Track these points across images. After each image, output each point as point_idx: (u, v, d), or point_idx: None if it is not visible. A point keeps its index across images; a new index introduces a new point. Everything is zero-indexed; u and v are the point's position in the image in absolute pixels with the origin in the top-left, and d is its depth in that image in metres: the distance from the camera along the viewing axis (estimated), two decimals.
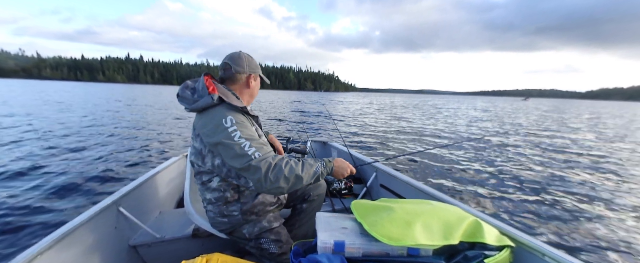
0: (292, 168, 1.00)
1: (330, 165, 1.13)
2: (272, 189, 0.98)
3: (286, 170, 0.98)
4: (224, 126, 1.02)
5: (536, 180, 4.28)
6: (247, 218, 1.22)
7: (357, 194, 2.14)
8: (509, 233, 1.02)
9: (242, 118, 1.08)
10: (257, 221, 1.24)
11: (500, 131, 10.01)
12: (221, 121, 1.03)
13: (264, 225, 1.24)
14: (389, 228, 0.85)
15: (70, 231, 1.14)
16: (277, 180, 0.96)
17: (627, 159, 6.13)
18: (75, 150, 5.17)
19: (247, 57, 1.24)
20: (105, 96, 24.56)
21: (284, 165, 0.99)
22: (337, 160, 1.17)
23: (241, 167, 0.99)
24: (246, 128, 1.04)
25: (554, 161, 5.67)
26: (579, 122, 15.94)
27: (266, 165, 0.97)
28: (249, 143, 1.00)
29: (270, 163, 0.98)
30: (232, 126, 1.02)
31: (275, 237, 1.25)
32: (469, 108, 27.58)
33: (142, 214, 1.66)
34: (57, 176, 3.70)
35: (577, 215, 3.09)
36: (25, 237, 2.34)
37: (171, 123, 9.38)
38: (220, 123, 1.03)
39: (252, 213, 1.22)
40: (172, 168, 2.16)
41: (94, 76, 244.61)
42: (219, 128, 1.02)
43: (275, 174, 0.97)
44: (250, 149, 0.99)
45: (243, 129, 1.03)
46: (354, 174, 1.25)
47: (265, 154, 1.00)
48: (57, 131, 7.09)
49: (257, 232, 1.23)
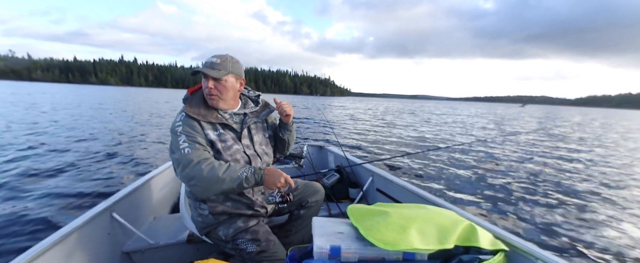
0: (214, 168, 1.05)
1: (260, 173, 1.10)
2: (190, 185, 1.07)
3: (206, 169, 1.04)
4: (176, 120, 1.16)
5: (530, 185, 4.34)
6: (219, 219, 1.22)
7: (354, 198, 2.14)
8: (503, 237, 1.03)
9: (192, 121, 1.15)
10: (232, 222, 1.23)
11: (501, 136, 10.13)
12: (177, 116, 1.18)
13: (239, 225, 1.23)
14: (384, 232, 0.85)
15: (63, 237, 1.12)
16: (193, 178, 1.03)
17: (629, 165, 6.22)
18: (66, 155, 5.05)
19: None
20: (98, 99, 24.17)
21: (206, 165, 1.04)
22: (270, 169, 1.12)
23: (171, 157, 1.11)
24: (189, 127, 1.13)
25: (550, 166, 5.74)
26: (575, 126, 16.26)
27: (187, 161, 1.05)
28: (184, 137, 1.10)
29: (192, 160, 1.05)
30: (179, 122, 1.14)
31: (252, 236, 1.22)
32: (469, 115, 27.16)
33: (136, 220, 1.63)
34: (49, 181, 3.62)
35: (570, 219, 3.13)
36: (17, 244, 2.27)
37: (166, 127, 9.26)
38: (175, 118, 1.18)
39: (223, 213, 1.22)
40: (167, 173, 2.13)
41: (87, 78, 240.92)
42: (174, 121, 1.17)
43: (193, 171, 1.03)
44: (183, 144, 1.08)
45: (185, 127, 1.13)
46: (291, 187, 1.18)
47: (195, 151, 1.07)
48: (48, 134, 6.94)
49: (232, 234, 1.22)
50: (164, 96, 40.38)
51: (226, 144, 1.18)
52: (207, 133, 1.15)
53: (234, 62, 1.21)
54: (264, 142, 1.34)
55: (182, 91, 19.81)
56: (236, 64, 1.22)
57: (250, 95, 1.39)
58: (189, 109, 1.16)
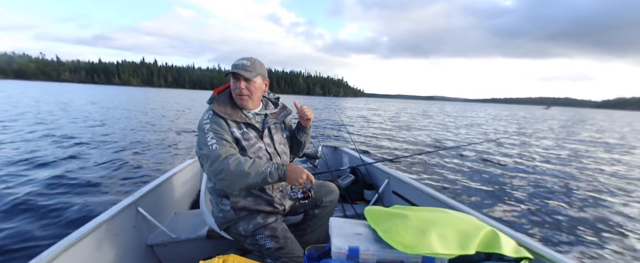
0: (240, 163, 1.09)
1: (283, 169, 1.14)
2: (217, 179, 1.11)
3: (233, 164, 1.09)
4: (203, 118, 1.22)
5: (558, 190, 4.13)
6: (240, 214, 1.26)
7: (369, 200, 2.13)
8: (527, 245, 1.00)
9: (219, 120, 1.21)
10: (252, 218, 1.27)
11: (522, 139, 9.70)
12: (204, 114, 1.25)
13: (258, 221, 1.27)
14: (403, 235, 0.84)
15: (94, 229, 1.19)
16: (221, 172, 1.07)
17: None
18: (94, 151, 5.36)
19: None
20: (128, 99, 25.26)
21: (233, 160, 1.09)
22: (292, 166, 1.16)
23: (199, 153, 1.16)
24: (217, 125, 1.19)
25: (581, 171, 5.45)
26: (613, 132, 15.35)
27: (215, 156, 1.10)
28: (212, 134, 1.15)
29: (220, 154, 1.10)
30: (207, 120, 1.20)
31: (271, 233, 1.26)
32: (492, 117, 26.06)
33: (159, 214, 1.70)
34: (81, 175, 3.87)
35: (600, 228, 2.96)
36: (52, 231, 2.44)
37: (187, 126, 9.56)
38: (203, 116, 1.24)
39: (244, 209, 1.25)
40: (187, 170, 2.21)
41: (110, 80, 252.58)
42: (201, 119, 1.23)
43: (221, 166, 1.08)
44: (211, 140, 1.14)
45: (213, 125, 1.19)
46: (313, 183, 1.20)
47: (222, 147, 1.12)
48: (81, 132, 7.34)
49: (252, 229, 1.26)
50: (184, 97, 41.64)
51: (249, 142, 1.24)
52: (233, 131, 1.22)
53: (261, 64, 1.28)
54: (282, 142, 1.40)
55: (200, 91, 20.29)
56: (262, 66, 1.29)
57: (270, 97, 1.46)
58: (216, 108, 1.22)
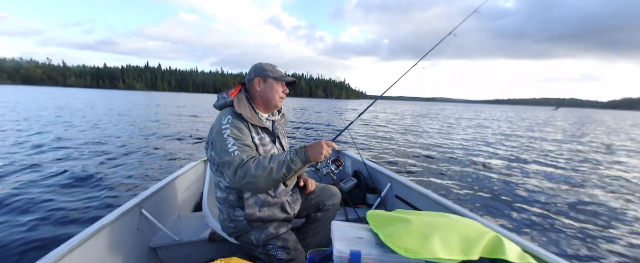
0: (260, 162, 1.08)
1: (302, 151, 1.13)
2: (243, 184, 1.08)
3: (253, 165, 1.07)
4: (221, 123, 1.17)
5: (564, 196, 4.05)
6: (253, 225, 1.25)
7: (371, 204, 2.12)
8: (532, 251, 0.99)
9: (241, 123, 1.19)
10: (264, 228, 1.26)
11: (530, 142, 9.55)
12: (221, 118, 1.19)
13: (270, 231, 1.26)
14: (405, 240, 0.84)
15: (97, 230, 1.19)
16: (245, 176, 1.05)
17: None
18: (98, 154, 5.43)
19: (256, 65, 1.32)
20: (133, 103, 25.50)
21: (253, 161, 1.08)
22: (309, 145, 1.17)
23: (220, 161, 1.12)
24: (237, 130, 1.16)
25: (589, 175, 5.35)
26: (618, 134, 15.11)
27: (238, 161, 1.08)
28: (233, 141, 1.12)
29: (243, 159, 1.08)
30: (227, 125, 1.16)
31: (283, 244, 1.26)
32: (495, 119, 25.32)
33: (162, 217, 1.71)
34: (85, 177, 3.94)
35: (607, 235, 2.90)
36: (56, 233, 2.48)
37: (190, 130, 9.63)
38: (221, 120, 1.18)
39: (258, 220, 1.24)
40: (191, 173, 2.22)
41: (115, 84, 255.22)
42: (219, 124, 1.18)
43: (244, 170, 1.06)
44: (232, 147, 1.11)
45: (233, 130, 1.15)
46: (335, 149, 1.23)
47: (244, 153, 1.10)
48: (87, 136, 7.44)
49: (264, 239, 1.25)
50: (190, 100, 41.95)
51: (266, 147, 1.25)
52: (253, 136, 1.22)
53: None
54: (287, 146, 1.43)
55: (203, 95, 20.36)
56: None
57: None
58: (239, 110, 1.20)
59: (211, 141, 1.20)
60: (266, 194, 1.25)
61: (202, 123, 11.96)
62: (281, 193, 1.30)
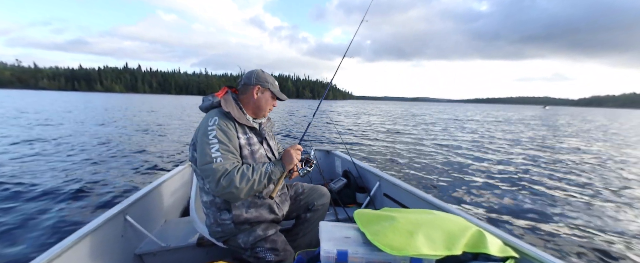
0: (244, 173, 1.09)
1: (279, 163, 1.20)
2: (224, 194, 1.08)
3: (238, 176, 1.07)
4: (208, 124, 1.14)
5: (542, 191, 4.23)
6: (241, 228, 1.23)
7: (361, 203, 2.14)
8: (513, 244, 1.02)
9: (228, 124, 1.17)
10: (252, 231, 1.25)
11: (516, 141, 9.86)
12: (208, 119, 1.16)
13: (258, 234, 1.25)
14: (391, 237, 0.85)
15: (79, 239, 1.14)
16: (228, 186, 1.05)
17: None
18: (80, 160, 5.17)
19: (258, 72, 1.32)
20: (109, 107, 24.45)
21: (237, 171, 1.08)
22: (282, 156, 1.25)
23: (200, 166, 1.10)
24: (224, 133, 1.14)
25: (565, 171, 5.55)
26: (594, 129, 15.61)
27: (221, 171, 1.06)
28: (218, 146, 1.10)
29: (226, 169, 1.07)
30: (213, 126, 1.13)
31: (271, 245, 1.25)
32: (485, 118, 25.12)
33: (148, 223, 1.66)
34: (65, 185, 3.72)
35: (582, 226, 3.04)
36: (34, 244, 2.35)
37: (176, 133, 9.36)
38: (207, 121, 1.16)
39: (246, 222, 1.23)
40: (177, 178, 2.17)
41: (92, 86, 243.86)
42: (204, 125, 1.15)
43: (227, 179, 1.05)
44: (215, 152, 1.09)
45: (219, 132, 1.12)
46: (301, 150, 1.30)
47: (227, 161, 1.09)
48: (65, 140, 7.08)
49: (252, 241, 1.24)
50: (172, 102, 40.72)
51: (253, 148, 1.24)
52: (239, 137, 1.20)
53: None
54: (275, 147, 1.44)
55: (187, 97, 19.78)
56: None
57: None
58: (226, 108, 1.18)
59: (195, 142, 1.19)
60: (254, 195, 1.24)
61: (188, 126, 11.63)
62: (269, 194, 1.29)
